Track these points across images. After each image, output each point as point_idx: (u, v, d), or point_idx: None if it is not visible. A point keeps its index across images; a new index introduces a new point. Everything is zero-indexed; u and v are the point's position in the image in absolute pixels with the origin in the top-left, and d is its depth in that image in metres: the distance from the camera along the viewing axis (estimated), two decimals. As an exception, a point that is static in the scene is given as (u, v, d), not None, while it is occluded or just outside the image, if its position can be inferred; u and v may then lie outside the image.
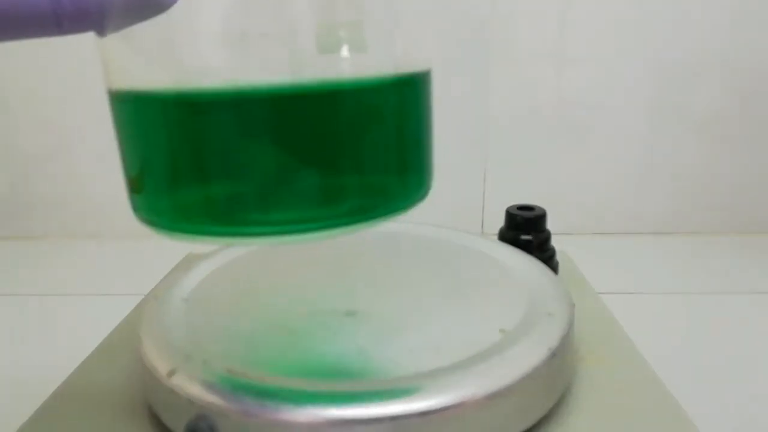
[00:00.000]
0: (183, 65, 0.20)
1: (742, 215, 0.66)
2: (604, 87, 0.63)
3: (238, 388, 0.22)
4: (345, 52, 0.20)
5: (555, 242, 0.37)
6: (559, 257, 0.37)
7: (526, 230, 0.36)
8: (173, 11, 0.18)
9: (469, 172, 0.64)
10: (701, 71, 0.63)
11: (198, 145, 0.20)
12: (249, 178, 0.20)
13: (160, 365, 0.23)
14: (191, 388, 0.22)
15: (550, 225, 0.37)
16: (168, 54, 0.20)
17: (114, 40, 0.19)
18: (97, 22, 0.17)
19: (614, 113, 0.64)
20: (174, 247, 0.39)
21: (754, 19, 0.61)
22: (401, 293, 0.28)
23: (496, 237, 0.37)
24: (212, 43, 0.19)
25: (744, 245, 0.63)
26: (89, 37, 0.18)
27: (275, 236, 0.20)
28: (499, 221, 0.37)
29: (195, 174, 0.20)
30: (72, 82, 0.61)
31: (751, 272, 0.56)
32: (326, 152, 0.20)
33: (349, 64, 0.20)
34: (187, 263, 0.34)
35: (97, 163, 0.63)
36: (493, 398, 0.22)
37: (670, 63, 0.63)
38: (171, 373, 0.23)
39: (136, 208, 0.21)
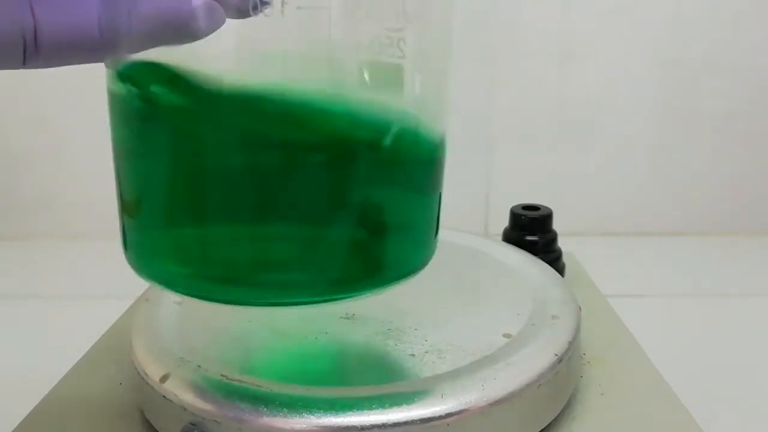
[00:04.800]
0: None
1: (753, 215, 0.65)
2: (611, 85, 0.63)
3: (232, 393, 0.21)
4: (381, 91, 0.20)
5: (561, 243, 0.36)
6: (565, 259, 0.36)
7: (531, 231, 0.35)
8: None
9: (473, 170, 0.63)
10: (709, 68, 0.62)
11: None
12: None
13: (153, 370, 0.23)
14: (185, 393, 0.21)
15: (557, 225, 0.36)
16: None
17: None
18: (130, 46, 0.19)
19: (622, 111, 0.63)
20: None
21: (764, 16, 0.61)
22: (401, 296, 0.28)
23: (500, 238, 0.36)
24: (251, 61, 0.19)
25: (756, 246, 0.62)
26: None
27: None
28: (503, 221, 0.37)
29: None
30: (63, 81, 0.60)
31: (765, 274, 0.55)
32: (336, 215, 0.19)
33: (382, 104, 0.20)
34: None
35: (87, 162, 0.62)
36: (497, 405, 0.21)
37: (677, 60, 0.62)
38: (164, 378, 0.22)
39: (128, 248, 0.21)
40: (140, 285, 0.34)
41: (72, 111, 0.62)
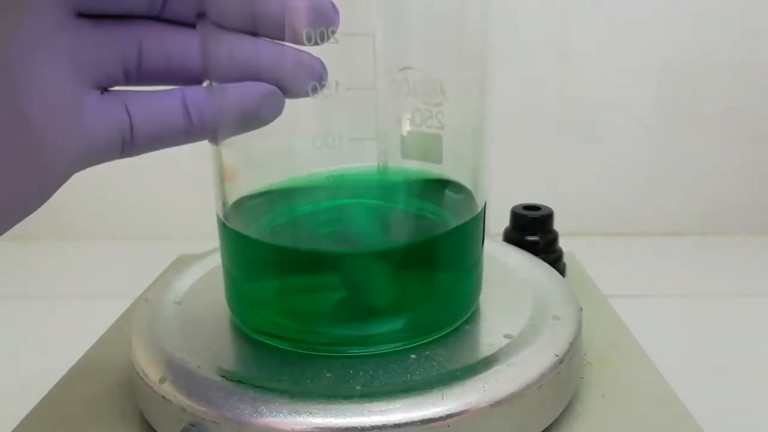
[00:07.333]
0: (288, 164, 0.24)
1: (755, 215, 0.65)
2: (611, 85, 0.63)
3: (232, 394, 0.21)
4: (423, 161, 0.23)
5: (562, 243, 0.36)
6: (566, 259, 0.36)
7: (532, 231, 0.35)
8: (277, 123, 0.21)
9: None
10: (710, 67, 0.62)
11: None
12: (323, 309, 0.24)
13: (152, 371, 0.23)
14: (184, 394, 0.21)
15: (558, 225, 0.36)
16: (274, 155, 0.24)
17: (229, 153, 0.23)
18: (212, 133, 0.22)
19: (622, 111, 0.63)
20: (166, 249, 0.39)
21: (763, 15, 0.61)
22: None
23: (500, 238, 0.36)
24: (311, 144, 0.22)
25: (758, 246, 0.62)
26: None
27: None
28: (504, 221, 0.37)
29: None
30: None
31: (765, 274, 0.55)
32: (391, 293, 0.23)
33: (424, 173, 0.24)
34: (179, 265, 0.33)
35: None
36: (497, 406, 0.21)
37: (677, 60, 0.62)
38: (163, 379, 0.22)
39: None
40: (140, 285, 0.34)
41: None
